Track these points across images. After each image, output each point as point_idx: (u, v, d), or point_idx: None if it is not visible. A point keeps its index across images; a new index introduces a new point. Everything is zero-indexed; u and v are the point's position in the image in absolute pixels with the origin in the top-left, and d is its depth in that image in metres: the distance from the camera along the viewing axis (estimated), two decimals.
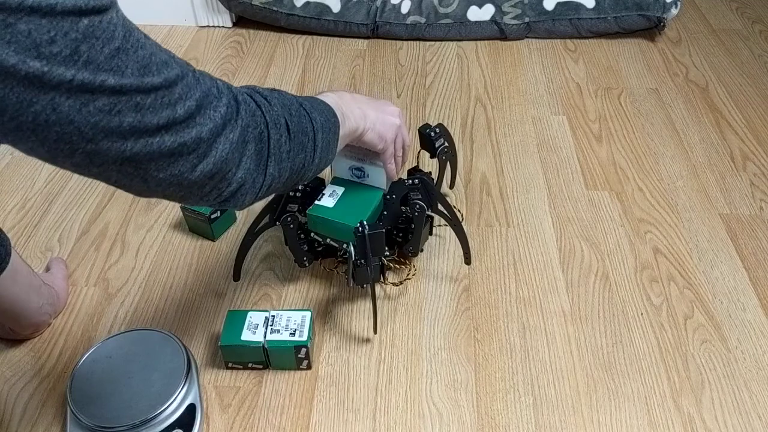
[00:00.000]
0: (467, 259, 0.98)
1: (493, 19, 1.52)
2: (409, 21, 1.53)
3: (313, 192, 0.90)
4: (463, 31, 1.53)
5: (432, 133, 0.96)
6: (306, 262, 0.92)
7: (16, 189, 1.14)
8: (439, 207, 0.90)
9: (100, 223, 1.07)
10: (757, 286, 0.95)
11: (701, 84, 1.38)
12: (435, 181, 1.00)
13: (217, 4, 1.57)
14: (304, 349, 0.82)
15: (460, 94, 1.36)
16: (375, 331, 0.89)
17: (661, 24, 1.50)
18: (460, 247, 0.97)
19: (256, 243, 0.99)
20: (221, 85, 0.53)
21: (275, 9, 1.53)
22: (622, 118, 1.28)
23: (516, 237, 1.03)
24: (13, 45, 0.37)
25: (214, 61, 1.50)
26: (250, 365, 0.84)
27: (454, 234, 0.94)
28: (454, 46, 1.52)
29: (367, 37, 1.56)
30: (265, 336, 0.82)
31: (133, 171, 0.47)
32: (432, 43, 1.54)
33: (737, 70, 1.42)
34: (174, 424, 0.74)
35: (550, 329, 0.89)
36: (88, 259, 1.01)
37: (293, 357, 0.83)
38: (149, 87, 0.44)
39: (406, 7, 1.54)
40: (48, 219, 1.08)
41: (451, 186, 1.11)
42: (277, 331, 0.82)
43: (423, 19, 1.53)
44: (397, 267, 0.98)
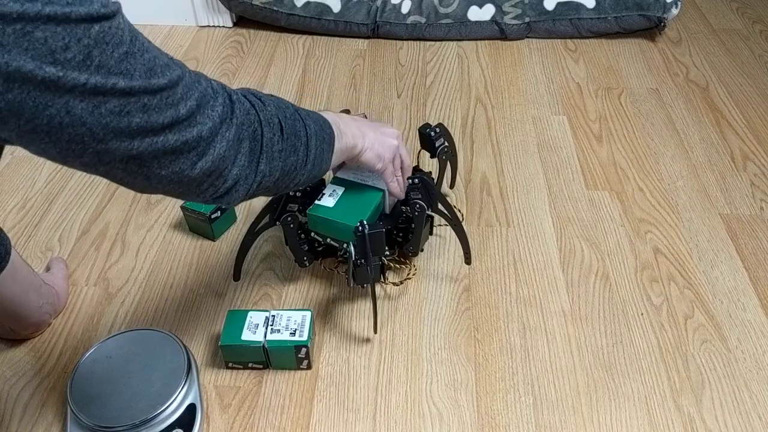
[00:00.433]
0: (467, 259, 0.98)
1: (493, 19, 1.52)
2: (409, 21, 1.53)
3: (313, 192, 0.90)
4: (463, 31, 1.53)
5: (432, 133, 0.96)
6: (306, 262, 0.92)
7: (16, 189, 1.14)
8: (440, 207, 0.90)
9: (101, 222, 1.07)
10: (757, 286, 0.95)
11: (701, 84, 1.38)
12: (435, 181, 1.00)
13: (217, 4, 1.57)
14: (304, 349, 0.82)
15: (460, 94, 1.36)
16: (375, 331, 0.89)
17: (662, 24, 1.50)
18: (461, 246, 0.97)
19: (256, 243, 0.99)
20: (215, 85, 0.56)
21: (275, 9, 1.53)
22: (622, 118, 1.28)
23: (516, 237, 1.03)
24: (31, 52, 0.38)
25: (215, 61, 1.50)
26: (250, 365, 0.84)
27: (455, 234, 0.95)
28: (455, 46, 1.52)
29: (368, 37, 1.56)
30: (265, 336, 0.82)
31: (137, 168, 0.49)
32: (432, 43, 1.54)
33: (737, 70, 1.42)
34: (174, 424, 0.74)
35: (550, 329, 0.89)
36: (88, 258, 1.01)
37: (293, 357, 0.83)
38: (155, 88, 0.46)
39: (406, 7, 1.54)
40: (48, 219, 1.08)
41: (452, 186, 1.11)
42: (278, 330, 0.82)
43: (423, 19, 1.53)
44: (398, 267, 0.98)
